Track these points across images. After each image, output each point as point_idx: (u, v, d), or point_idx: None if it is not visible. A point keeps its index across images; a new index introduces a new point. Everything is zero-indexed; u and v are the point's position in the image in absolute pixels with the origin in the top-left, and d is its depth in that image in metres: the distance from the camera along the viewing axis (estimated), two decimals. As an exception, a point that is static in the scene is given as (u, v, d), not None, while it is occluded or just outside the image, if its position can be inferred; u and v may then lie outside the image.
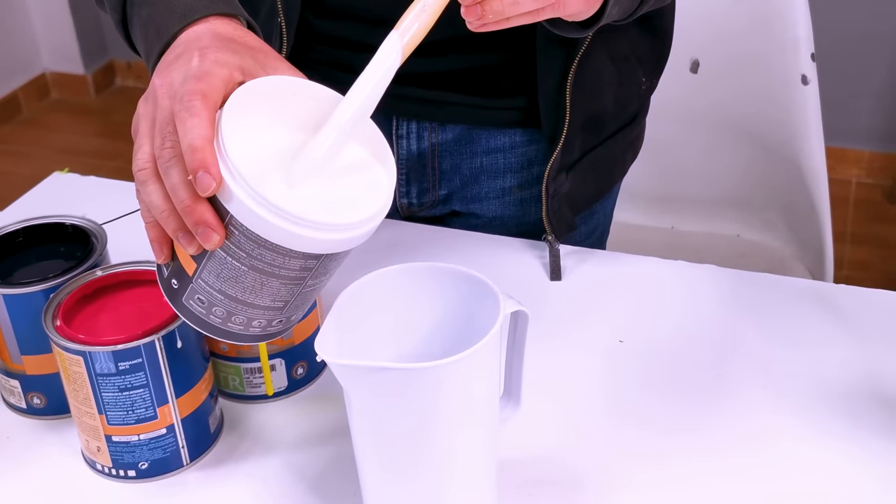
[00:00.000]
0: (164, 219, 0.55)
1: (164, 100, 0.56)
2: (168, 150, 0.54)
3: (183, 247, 0.55)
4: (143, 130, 0.57)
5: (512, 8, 0.57)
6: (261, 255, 0.54)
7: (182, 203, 0.54)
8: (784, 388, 0.73)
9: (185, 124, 0.53)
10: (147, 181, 0.56)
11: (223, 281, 0.56)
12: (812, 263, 1.42)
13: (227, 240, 0.54)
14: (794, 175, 1.38)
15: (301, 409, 0.73)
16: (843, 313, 0.80)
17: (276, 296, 0.57)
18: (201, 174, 0.52)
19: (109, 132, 2.91)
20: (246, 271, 0.55)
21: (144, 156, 0.56)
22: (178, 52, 0.59)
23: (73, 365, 0.63)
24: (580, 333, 0.79)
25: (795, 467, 0.67)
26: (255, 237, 0.53)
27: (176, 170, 0.54)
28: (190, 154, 0.52)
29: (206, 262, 0.56)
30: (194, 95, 0.54)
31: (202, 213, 0.53)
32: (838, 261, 2.21)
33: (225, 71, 0.56)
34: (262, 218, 0.52)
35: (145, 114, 0.58)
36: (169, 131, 0.55)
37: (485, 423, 0.57)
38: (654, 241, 1.52)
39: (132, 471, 0.66)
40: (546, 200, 0.85)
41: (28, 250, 0.74)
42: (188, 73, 0.56)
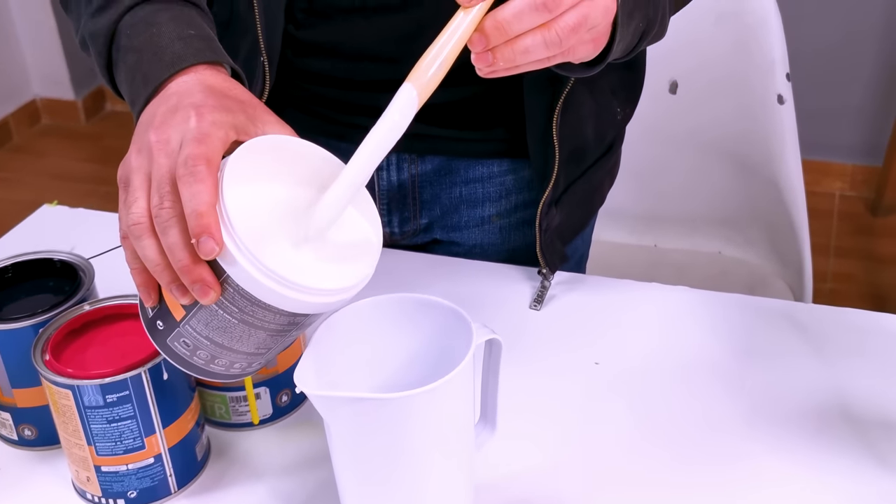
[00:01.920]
0: (159, 272, 0.57)
1: (161, 157, 0.57)
2: (167, 210, 0.55)
3: (176, 298, 0.57)
4: (136, 184, 0.58)
5: (523, 56, 0.58)
6: (253, 311, 0.56)
7: (180, 262, 0.55)
8: (757, 408, 0.75)
9: (190, 189, 0.54)
10: (142, 236, 0.57)
11: (212, 330, 0.58)
12: (792, 280, 1.44)
13: (220, 295, 0.56)
14: (773, 193, 1.41)
15: (286, 436, 0.75)
16: (816, 333, 0.82)
17: (261, 344, 0.59)
18: (205, 239, 0.54)
19: (100, 157, 2.93)
20: (236, 324, 0.57)
21: (140, 210, 0.57)
22: (170, 104, 0.60)
23: (62, 398, 0.65)
24: (557, 357, 0.81)
25: (767, 486, 0.69)
26: (251, 297, 0.55)
27: (175, 230, 0.55)
28: (195, 219, 0.54)
29: (196, 312, 0.58)
30: (199, 161, 0.55)
31: (200, 273, 0.55)
32: (823, 273, 2.24)
33: (222, 132, 0.58)
34: (260, 282, 0.54)
35: (138, 167, 0.58)
36: (167, 191, 0.56)
37: (461, 448, 0.59)
38: (636, 259, 1.55)
39: (121, 499, 0.68)
40: (539, 235, 0.87)
41: (17, 286, 0.75)
42: (187, 134, 0.57)
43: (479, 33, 0.57)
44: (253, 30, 0.82)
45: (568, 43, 0.58)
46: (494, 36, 0.57)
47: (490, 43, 0.57)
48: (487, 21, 0.57)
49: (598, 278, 0.90)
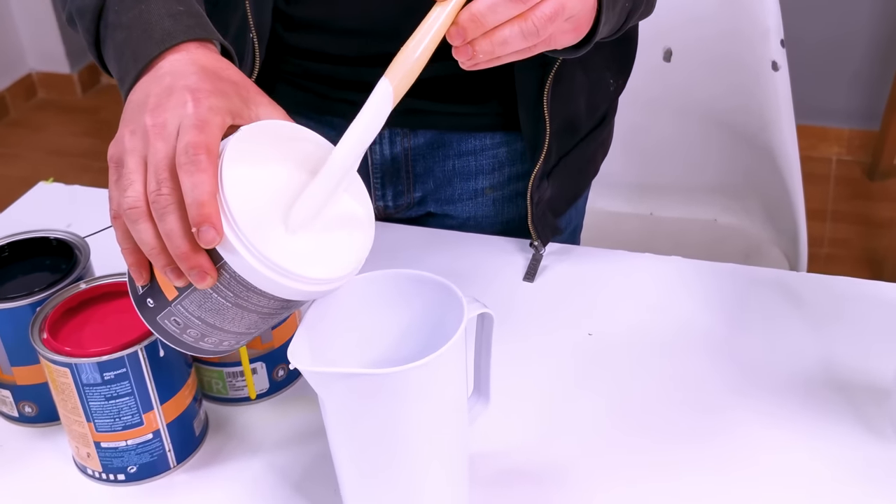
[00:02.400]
0: (154, 255, 0.57)
1: (158, 142, 0.57)
2: (165, 196, 0.56)
3: (170, 281, 0.57)
4: (131, 167, 0.58)
5: (501, 48, 0.59)
6: (247, 296, 0.57)
7: (178, 249, 0.55)
8: (748, 377, 0.76)
9: (191, 178, 0.54)
10: (139, 220, 0.57)
11: (204, 311, 0.58)
12: (787, 247, 1.45)
13: (216, 280, 0.56)
14: (768, 161, 1.41)
15: (283, 410, 0.76)
16: (807, 302, 0.83)
17: (252, 325, 0.60)
18: (206, 229, 0.54)
19: (97, 131, 2.93)
20: (229, 307, 0.58)
21: (136, 194, 0.57)
22: (164, 85, 0.59)
23: (60, 376, 0.66)
24: (550, 329, 0.82)
25: (757, 454, 0.69)
26: (247, 284, 0.56)
27: (173, 217, 0.55)
28: (196, 209, 0.54)
29: (189, 294, 0.58)
30: (200, 149, 0.55)
31: (198, 260, 0.55)
32: (819, 238, 2.25)
33: (219, 118, 0.58)
34: (257, 271, 0.55)
35: (132, 149, 0.58)
36: (165, 177, 0.56)
37: (454, 421, 0.60)
38: (632, 227, 1.55)
39: (121, 475, 0.69)
40: (531, 208, 0.88)
41: (14, 264, 0.76)
42: (185, 120, 0.57)
43: (456, 27, 0.57)
44: (242, 6, 0.82)
45: (546, 32, 0.59)
46: (471, 29, 0.57)
47: (468, 36, 0.57)
48: (463, 14, 0.57)
49: (590, 249, 0.91)
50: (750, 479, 0.68)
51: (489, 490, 0.67)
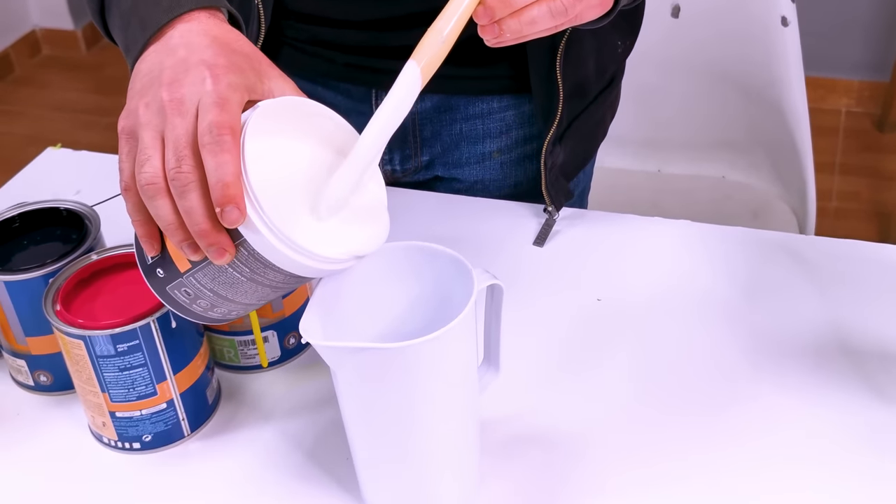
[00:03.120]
0: (172, 231, 0.57)
1: (176, 118, 0.56)
2: (185, 174, 0.55)
3: (186, 255, 0.57)
4: (147, 141, 0.57)
5: (529, 27, 0.58)
6: (264, 272, 0.57)
7: (198, 227, 0.55)
8: (757, 342, 0.76)
9: (215, 158, 0.54)
10: (156, 196, 0.56)
11: (217, 284, 0.59)
12: (795, 203, 1.45)
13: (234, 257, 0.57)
14: (777, 117, 1.40)
15: (295, 377, 0.76)
16: (817, 266, 0.83)
17: (263, 297, 0.60)
18: (230, 209, 0.54)
19: (102, 88, 2.92)
20: (244, 281, 0.58)
21: (153, 170, 0.56)
22: (178, 58, 0.59)
23: (74, 348, 0.66)
24: (559, 294, 0.82)
25: (765, 420, 0.70)
26: (265, 261, 0.56)
27: (195, 195, 0.55)
28: (221, 189, 0.54)
29: (203, 267, 0.58)
30: (224, 129, 0.55)
31: (217, 237, 0.55)
32: (828, 192, 2.24)
33: (238, 96, 0.57)
34: (278, 250, 0.55)
35: (147, 123, 0.57)
36: (186, 154, 0.55)
37: (465, 391, 0.61)
38: (640, 184, 1.55)
39: (137, 443, 0.70)
40: (545, 174, 0.88)
41: (24, 235, 0.76)
42: (205, 97, 0.56)
43: (483, 6, 0.57)
44: None
45: (574, 11, 0.58)
46: (499, 8, 0.57)
47: (496, 15, 0.57)
48: None
49: (599, 213, 0.91)
50: (758, 445, 0.68)
51: (499, 456, 0.68)
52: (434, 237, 0.79)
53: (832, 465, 0.67)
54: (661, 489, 0.65)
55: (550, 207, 0.89)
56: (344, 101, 0.92)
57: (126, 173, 0.59)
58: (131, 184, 0.59)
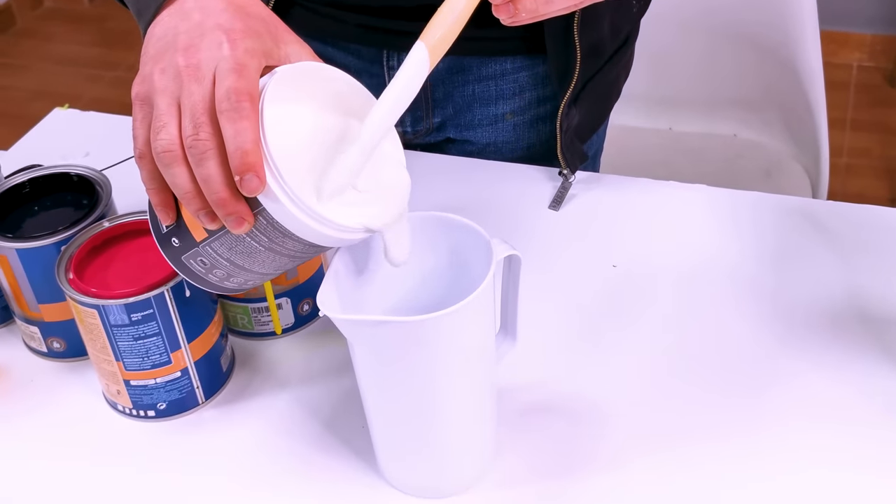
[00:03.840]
0: (189, 199, 0.56)
1: (192, 84, 0.55)
2: (203, 141, 0.54)
3: (203, 224, 0.56)
4: (163, 108, 0.56)
5: (546, 6, 0.57)
6: (283, 242, 0.56)
7: (217, 195, 0.54)
8: (772, 308, 0.76)
9: (234, 125, 0.53)
10: (172, 163, 0.55)
11: (234, 254, 0.58)
12: (808, 162, 1.44)
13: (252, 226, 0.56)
14: (790, 76, 1.39)
15: (309, 344, 0.76)
16: (832, 231, 0.82)
17: (280, 266, 0.60)
18: (249, 177, 0.53)
19: (106, 41, 2.89)
20: (262, 251, 0.57)
21: (170, 137, 0.55)
22: (193, 22, 0.58)
23: (88, 317, 0.66)
24: (573, 259, 0.82)
25: (782, 387, 0.70)
26: (285, 230, 0.55)
27: (213, 163, 0.54)
28: (240, 157, 0.53)
29: (220, 236, 0.57)
30: (242, 96, 0.53)
31: (235, 205, 0.54)
32: (838, 148, 2.22)
33: (256, 62, 0.56)
34: (298, 219, 0.54)
35: (163, 89, 0.56)
36: (203, 121, 0.54)
37: (483, 362, 0.60)
38: (651, 142, 1.54)
39: (151, 411, 0.70)
40: (560, 137, 0.86)
41: (35, 201, 0.76)
42: (222, 63, 0.55)
43: None
44: None
45: None
46: None
47: None
48: None
49: (615, 177, 0.90)
50: (775, 412, 0.68)
51: (515, 425, 0.68)
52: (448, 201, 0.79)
53: (849, 431, 0.66)
54: (680, 459, 0.65)
55: (566, 171, 0.88)
56: (355, 62, 0.91)
57: (140, 140, 0.58)
58: (146, 151, 0.58)
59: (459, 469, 0.64)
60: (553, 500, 0.63)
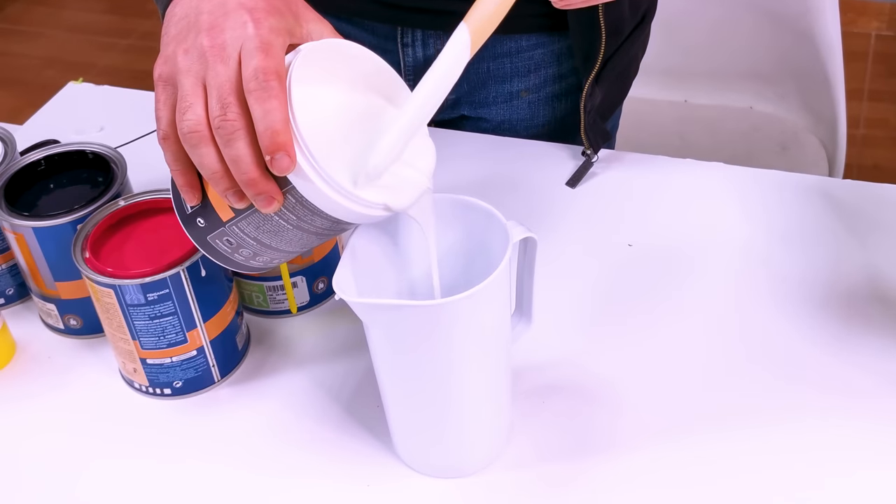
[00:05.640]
0: (217, 179, 0.55)
1: (218, 64, 0.55)
2: (232, 121, 0.54)
3: (231, 203, 0.56)
4: (188, 88, 0.55)
5: None
6: (311, 219, 0.56)
7: (245, 175, 0.54)
8: (790, 287, 0.75)
9: (263, 105, 0.53)
10: (200, 144, 0.55)
11: (262, 233, 0.58)
12: (824, 135, 1.42)
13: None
14: (808, 46, 1.37)
15: (324, 322, 0.76)
16: (850, 210, 0.82)
17: (307, 244, 0.60)
18: (280, 156, 0.52)
19: (118, 8, 2.88)
20: (290, 229, 0.57)
21: (196, 117, 0.55)
22: (216, 1, 0.57)
23: (104, 296, 0.66)
24: (589, 238, 0.81)
25: (799, 367, 0.70)
26: (314, 208, 0.55)
27: (242, 143, 0.54)
28: (270, 137, 0.52)
29: (248, 216, 0.57)
30: (270, 75, 0.53)
31: (265, 185, 0.54)
32: (856, 119, 2.20)
33: (281, 40, 0.56)
34: (328, 196, 0.54)
35: (188, 70, 0.56)
36: (231, 101, 0.54)
37: (498, 343, 0.60)
38: (667, 115, 1.53)
39: (167, 389, 0.71)
40: (583, 117, 0.86)
41: (50, 178, 0.76)
42: (248, 42, 0.55)
43: None
44: None
45: None
46: None
47: None
48: None
49: (632, 155, 0.90)
50: (793, 394, 0.68)
51: (529, 406, 0.68)
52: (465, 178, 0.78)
53: (865, 412, 0.66)
54: (696, 440, 0.65)
55: (589, 150, 0.87)
56: (369, 39, 0.90)
57: (164, 122, 0.58)
58: (170, 132, 0.57)
59: (474, 449, 0.64)
60: (567, 481, 0.64)
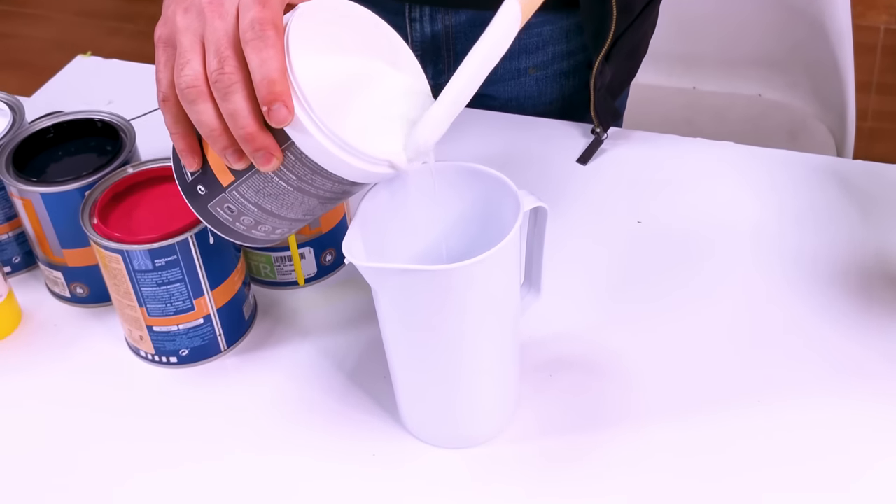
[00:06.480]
0: (215, 137, 0.55)
1: (216, 19, 0.54)
2: (229, 74, 0.53)
3: (229, 163, 0.56)
4: (186, 45, 0.55)
5: None
6: (312, 179, 0.55)
7: (243, 129, 0.53)
8: (797, 267, 0.75)
9: (259, 54, 0.52)
10: (197, 100, 0.55)
11: (262, 196, 0.57)
12: (833, 123, 1.42)
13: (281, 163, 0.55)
14: (818, 34, 1.37)
15: (331, 294, 0.76)
16: (860, 190, 0.81)
17: (309, 211, 0.59)
18: (277, 107, 0.52)
19: (125, -8, 2.87)
20: (291, 191, 0.56)
21: (193, 73, 0.54)
22: None
23: (112, 262, 0.66)
24: (600, 214, 0.81)
25: (809, 349, 0.69)
26: (314, 165, 0.54)
27: (239, 96, 0.53)
28: (266, 86, 0.52)
29: (247, 178, 0.57)
30: (266, 25, 0.53)
31: (265, 140, 0.54)
32: (864, 111, 2.19)
33: None
34: (328, 151, 0.53)
35: (186, 27, 0.55)
36: (228, 55, 0.54)
37: (507, 312, 0.60)
38: (675, 101, 1.52)
39: (174, 357, 0.70)
40: (593, 95, 0.85)
41: (59, 146, 0.76)
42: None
43: None
44: None
45: None
46: None
47: None
48: None
49: (641, 133, 0.89)
50: (803, 375, 0.68)
51: (537, 379, 0.68)
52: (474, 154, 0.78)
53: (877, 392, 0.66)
54: (704, 419, 0.65)
55: (598, 129, 0.87)
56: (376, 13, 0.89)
57: (164, 83, 0.57)
58: (170, 93, 0.57)
59: (480, 420, 0.64)
60: (572, 455, 0.63)
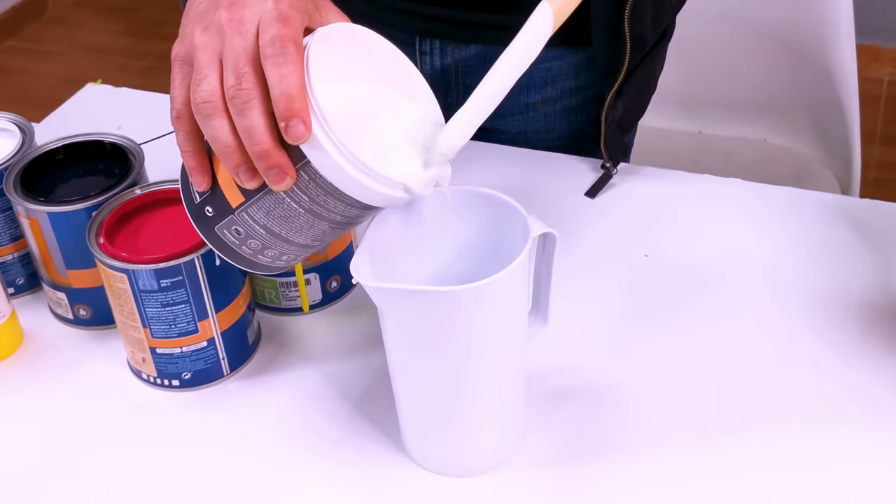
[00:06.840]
0: (228, 154, 0.55)
1: (236, 37, 0.54)
2: (246, 90, 0.53)
3: (241, 182, 0.55)
4: (203, 62, 0.55)
5: None
6: (324, 201, 0.55)
7: (259, 146, 0.53)
8: (808, 304, 0.75)
9: (279, 70, 0.52)
10: (213, 115, 0.54)
11: (272, 219, 0.56)
12: (839, 169, 1.42)
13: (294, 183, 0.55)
14: (824, 79, 1.37)
15: (336, 321, 0.76)
16: (867, 228, 0.81)
17: (318, 236, 0.58)
18: (295, 123, 0.52)
19: (136, 30, 2.90)
20: (301, 214, 0.56)
21: (210, 88, 0.54)
22: None
23: (117, 282, 0.66)
24: (607, 248, 0.81)
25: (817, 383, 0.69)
26: (328, 186, 0.54)
27: (256, 112, 0.53)
28: (285, 102, 0.52)
29: (258, 199, 0.56)
30: (287, 41, 0.53)
31: (279, 158, 0.53)
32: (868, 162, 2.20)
33: (300, 16, 0.55)
34: (344, 171, 0.53)
35: (205, 45, 0.55)
36: (246, 71, 0.53)
37: (514, 338, 0.60)
38: (681, 145, 1.52)
39: (176, 380, 0.70)
40: (604, 129, 0.85)
41: (68, 167, 0.76)
42: (266, 14, 0.54)
43: None
44: None
45: None
46: None
47: None
48: None
49: (650, 168, 0.89)
50: (809, 410, 0.67)
51: (544, 407, 0.67)
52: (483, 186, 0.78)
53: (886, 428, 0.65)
54: (711, 451, 0.64)
55: (608, 164, 0.87)
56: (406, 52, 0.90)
57: (179, 100, 0.57)
58: (184, 111, 0.57)
59: (486, 448, 0.63)
60: (579, 484, 0.63)
